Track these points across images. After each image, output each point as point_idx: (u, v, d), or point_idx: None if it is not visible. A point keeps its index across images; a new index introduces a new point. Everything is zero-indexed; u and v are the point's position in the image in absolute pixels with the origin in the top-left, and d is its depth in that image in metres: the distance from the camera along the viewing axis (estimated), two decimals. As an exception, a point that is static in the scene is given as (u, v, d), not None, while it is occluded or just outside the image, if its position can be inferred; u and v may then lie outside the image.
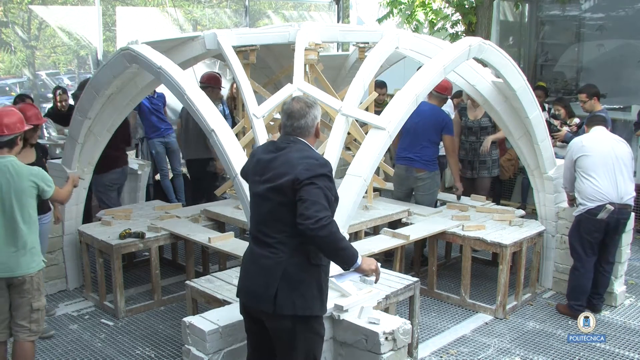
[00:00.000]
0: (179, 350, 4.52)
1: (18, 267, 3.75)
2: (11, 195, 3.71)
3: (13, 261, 3.74)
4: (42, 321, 3.99)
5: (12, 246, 3.74)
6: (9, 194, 3.71)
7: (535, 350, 4.78)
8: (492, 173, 6.85)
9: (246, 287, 3.12)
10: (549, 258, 5.86)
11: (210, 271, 5.41)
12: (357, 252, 3.04)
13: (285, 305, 2.96)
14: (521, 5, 10.22)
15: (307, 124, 3.12)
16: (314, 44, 5.11)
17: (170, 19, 11.91)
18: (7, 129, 3.75)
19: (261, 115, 4.49)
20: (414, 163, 6.19)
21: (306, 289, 2.99)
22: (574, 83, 10.59)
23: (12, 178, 3.72)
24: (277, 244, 3.00)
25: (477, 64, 5.72)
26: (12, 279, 3.77)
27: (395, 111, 4.36)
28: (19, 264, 3.75)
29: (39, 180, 3.81)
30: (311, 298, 3.00)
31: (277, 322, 3.03)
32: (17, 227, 3.73)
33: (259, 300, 3.03)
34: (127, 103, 5.86)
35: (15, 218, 3.72)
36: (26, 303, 3.83)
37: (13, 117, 3.82)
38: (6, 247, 3.73)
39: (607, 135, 5.35)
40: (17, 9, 10.53)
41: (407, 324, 3.49)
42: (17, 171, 3.75)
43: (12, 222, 3.73)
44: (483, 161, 6.81)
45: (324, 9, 12.92)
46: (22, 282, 3.79)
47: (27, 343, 3.87)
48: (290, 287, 2.96)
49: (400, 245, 5.25)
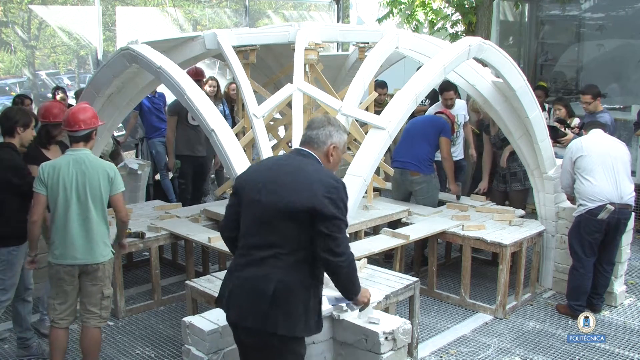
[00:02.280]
0: (179, 350, 4.51)
1: (92, 256, 3.95)
2: (86, 187, 3.90)
3: (88, 249, 3.94)
4: (110, 308, 4.19)
5: (87, 235, 3.93)
6: (84, 185, 3.90)
7: (535, 350, 4.78)
8: (525, 185, 6.34)
9: (233, 301, 2.94)
10: (549, 258, 5.87)
11: (210, 271, 5.41)
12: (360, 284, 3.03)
13: (269, 322, 2.82)
14: (521, 5, 10.22)
15: (318, 136, 3.00)
16: (314, 44, 5.11)
17: (170, 19, 11.92)
18: (84, 124, 3.99)
19: (261, 115, 4.50)
20: (408, 165, 6.16)
21: (293, 309, 2.84)
22: (574, 83, 10.59)
23: (87, 170, 3.92)
24: (270, 258, 2.86)
25: (477, 64, 5.72)
26: (86, 267, 3.95)
27: (395, 111, 4.36)
28: (93, 252, 3.95)
29: (112, 173, 4.01)
30: (296, 319, 2.85)
31: (255, 337, 2.90)
32: (90, 217, 3.92)
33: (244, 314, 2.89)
34: (127, 103, 5.87)
35: (89, 208, 3.92)
36: (98, 290, 4.02)
37: (88, 113, 4.05)
38: (82, 236, 3.93)
39: (605, 136, 5.37)
40: (17, 8, 10.54)
41: (407, 324, 3.49)
42: (92, 164, 3.96)
43: (86, 212, 3.91)
44: (514, 173, 6.43)
45: (324, 9, 12.93)
46: (96, 269, 3.97)
47: (95, 330, 4.08)
48: (276, 304, 2.81)
49: (400, 245, 5.25)
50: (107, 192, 3.98)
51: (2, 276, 4.27)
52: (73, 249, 3.93)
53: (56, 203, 3.91)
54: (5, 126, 4.33)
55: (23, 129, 4.33)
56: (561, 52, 10.75)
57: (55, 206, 3.92)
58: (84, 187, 3.90)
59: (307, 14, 13.32)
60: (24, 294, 4.49)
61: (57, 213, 3.93)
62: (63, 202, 3.89)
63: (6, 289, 4.30)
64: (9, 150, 4.28)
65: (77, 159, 3.94)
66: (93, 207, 3.93)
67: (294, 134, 4.50)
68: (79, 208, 3.90)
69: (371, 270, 4.55)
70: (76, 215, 3.90)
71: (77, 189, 3.89)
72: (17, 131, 4.31)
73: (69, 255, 3.94)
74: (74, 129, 3.98)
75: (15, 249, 4.29)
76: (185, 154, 7.43)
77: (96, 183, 3.92)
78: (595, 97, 6.47)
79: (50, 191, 3.91)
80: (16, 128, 4.31)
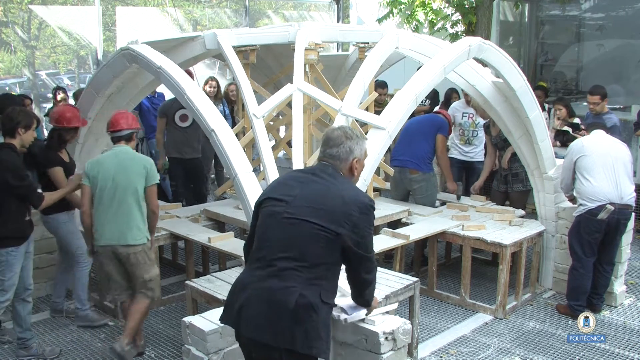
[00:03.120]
0: (179, 350, 4.51)
1: (124, 238, 4.32)
2: (124, 177, 4.33)
3: (121, 232, 4.32)
4: (158, 288, 4.55)
5: (122, 220, 4.32)
6: (123, 176, 4.32)
7: (535, 350, 4.78)
8: (527, 186, 6.30)
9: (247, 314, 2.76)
10: (549, 258, 5.86)
11: (210, 271, 5.41)
12: None
13: (288, 338, 2.67)
14: (521, 5, 10.22)
15: (339, 154, 2.89)
16: (314, 44, 5.11)
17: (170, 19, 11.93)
18: (126, 125, 4.50)
19: (261, 115, 4.49)
20: (407, 164, 6.16)
21: (313, 326, 2.69)
22: (574, 83, 10.60)
23: (127, 162, 4.37)
24: (290, 272, 2.72)
25: (477, 64, 5.71)
26: (119, 250, 4.31)
27: (395, 111, 4.36)
28: (125, 235, 4.32)
29: (148, 166, 4.41)
30: (315, 338, 2.70)
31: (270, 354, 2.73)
32: (126, 204, 4.32)
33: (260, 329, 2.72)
34: (127, 103, 5.86)
35: (126, 196, 4.32)
36: (138, 275, 4.40)
37: (129, 117, 4.57)
38: (116, 220, 4.31)
39: (606, 137, 5.37)
40: (17, 9, 10.54)
41: (407, 324, 3.49)
42: (131, 157, 4.43)
43: (123, 200, 4.31)
44: (516, 174, 6.39)
45: (324, 9, 12.94)
46: (129, 253, 4.33)
47: (143, 300, 4.44)
48: (297, 320, 2.67)
49: (400, 245, 5.25)
50: (143, 184, 4.37)
51: (2, 277, 4.27)
52: (108, 231, 4.32)
53: (97, 192, 4.34)
54: (7, 127, 4.35)
55: (24, 130, 4.35)
56: (561, 52, 10.75)
57: (97, 195, 4.34)
58: (122, 177, 4.31)
59: (307, 14, 13.33)
60: (23, 294, 4.49)
61: (97, 199, 4.34)
62: (103, 190, 4.31)
63: (5, 289, 4.30)
64: (8, 151, 4.28)
65: (118, 153, 4.43)
66: (129, 195, 4.32)
67: (294, 134, 4.50)
68: (117, 196, 4.31)
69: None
70: (111, 200, 4.31)
71: (116, 179, 4.31)
72: (18, 132, 4.34)
73: (105, 236, 4.33)
74: (117, 129, 4.47)
75: (14, 249, 4.29)
76: (173, 156, 7.25)
77: (133, 174, 4.34)
78: (603, 97, 6.45)
79: (93, 182, 4.35)
80: (18, 129, 4.33)
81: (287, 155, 6.97)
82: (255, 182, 4.17)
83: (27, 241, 4.42)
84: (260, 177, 4.94)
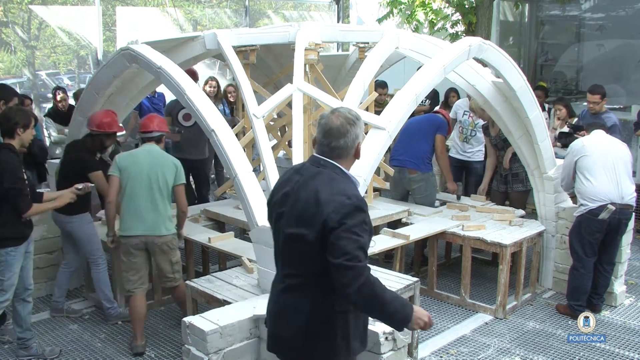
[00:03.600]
0: (179, 350, 4.51)
1: (158, 228, 4.60)
2: (156, 172, 4.59)
3: (154, 223, 4.59)
4: (181, 271, 4.85)
5: (154, 211, 4.58)
6: (154, 171, 4.59)
7: (535, 350, 4.78)
8: (527, 186, 6.27)
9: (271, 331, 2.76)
10: (549, 258, 5.86)
11: (210, 271, 5.41)
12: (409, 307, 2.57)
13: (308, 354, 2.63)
14: (521, 5, 10.22)
15: (346, 144, 2.61)
16: (314, 44, 5.11)
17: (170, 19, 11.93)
18: (158, 127, 4.80)
19: (261, 115, 4.50)
20: (406, 163, 6.17)
21: (332, 339, 2.59)
22: (574, 83, 10.59)
23: (158, 160, 4.66)
24: (297, 288, 2.62)
25: (477, 64, 5.71)
26: (153, 239, 4.59)
27: (395, 111, 4.36)
28: (158, 225, 4.60)
29: (179, 167, 4.72)
30: (335, 347, 2.60)
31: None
32: (157, 197, 4.59)
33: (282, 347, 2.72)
34: (127, 103, 5.87)
35: (157, 190, 4.58)
36: (167, 259, 4.69)
37: (160, 120, 4.89)
38: (149, 210, 4.57)
39: (606, 137, 5.37)
40: (17, 9, 10.54)
41: (407, 324, 3.49)
42: (162, 155, 4.74)
43: (154, 193, 4.58)
44: (516, 174, 6.37)
45: (324, 9, 12.94)
46: (161, 242, 4.61)
47: (179, 287, 4.77)
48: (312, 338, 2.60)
49: (400, 245, 5.24)
50: (172, 181, 4.65)
51: (1, 277, 4.26)
52: (141, 222, 4.56)
53: (128, 183, 4.56)
54: (5, 127, 4.32)
55: (23, 130, 4.32)
56: (561, 52, 10.75)
57: (127, 186, 4.57)
58: (154, 172, 4.58)
59: (307, 14, 13.33)
60: (23, 294, 4.48)
61: (129, 191, 4.57)
62: (136, 182, 4.55)
63: (5, 289, 4.29)
64: (7, 152, 4.25)
65: (150, 151, 4.70)
66: (160, 190, 4.58)
67: (294, 134, 4.50)
68: (149, 189, 4.56)
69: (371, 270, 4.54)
70: (145, 194, 4.56)
71: (149, 173, 4.57)
72: (17, 132, 4.31)
73: (138, 227, 4.56)
74: (149, 130, 4.76)
75: (14, 249, 4.27)
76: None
77: (164, 171, 4.62)
78: (603, 97, 6.45)
79: (123, 174, 4.58)
80: (16, 129, 4.30)
81: (287, 155, 6.97)
82: (255, 182, 4.17)
83: (27, 241, 4.41)
84: (260, 177, 4.95)
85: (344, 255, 2.41)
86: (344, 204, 2.47)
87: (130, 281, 4.66)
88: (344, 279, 2.42)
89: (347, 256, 2.41)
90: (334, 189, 2.54)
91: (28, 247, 4.46)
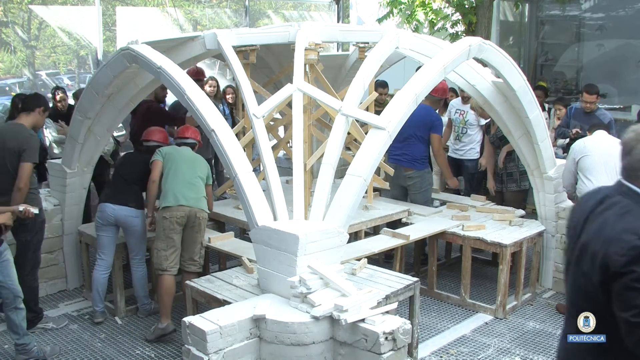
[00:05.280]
0: (179, 350, 4.51)
1: (199, 204, 4.97)
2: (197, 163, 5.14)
3: (196, 199, 4.95)
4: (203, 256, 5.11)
5: (197, 190, 5.01)
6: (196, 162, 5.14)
7: (535, 350, 4.78)
8: (521, 186, 6.32)
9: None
10: (549, 258, 5.87)
11: (210, 271, 5.41)
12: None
13: None
14: (521, 5, 10.23)
15: (631, 164, 2.15)
16: (314, 44, 5.10)
17: (170, 19, 11.94)
18: (193, 135, 5.41)
19: (261, 115, 4.49)
20: (402, 162, 6.25)
21: None
22: (574, 83, 10.59)
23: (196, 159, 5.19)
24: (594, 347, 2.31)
25: (477, 64, 5.71)
26: (196, 213, 4.90)
27: (395, 111, 4.36)
28: (200, 201, 4.99)
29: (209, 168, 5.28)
30: None
31: None
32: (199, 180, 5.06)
33: None
34: (127, 103, 5.86)
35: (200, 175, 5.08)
36: (199, 240, 4.99)
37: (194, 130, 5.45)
38: (190, 189, 4.96)
39: (608, 137, 5.37)
40: (17, 9, 10.55)
41: (407, 324, 3.49)
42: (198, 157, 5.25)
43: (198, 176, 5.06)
44: (510, 173, 6.38)
45: (324, 9, 12.94)
46: (200, 218, 4.93)
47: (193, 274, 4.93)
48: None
49: (400, 245, 5.25)
50: (204, 179, 5.11)
51: None
52: (185, 196, 4.90)
53: (173, 165, 5.02)
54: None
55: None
56: (561, 52, 10.75)
57: (172, 167, 5.01)
58: (195, 162, 5.12)
59: (307, 14, 13.33)
60: (14, 303, 4.34)
61: (173, 171, 4.99)
62: (179, 164, 5.02)
63: None
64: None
65: (189, 151, 5.25)
66: (200, 176, 5.06)
67: (294, 134, 4.50)
68: (192, 170, 5.05)
69: (371, 270, 4.55)
70: (189, 173, 5.02)
71: (191, 159, 5.12)
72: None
73: (184, 199, 4.88)
74: (185, 136, 5.36)
75: None
76: None
77: (202, 164, 5.16)
78: (598, 96, 6.53)
79: (167, 158, 5.07)
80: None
81: (287, 155, 6.97)
82: (255, 182, 4.17)
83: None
84: (260, 177, 4.94)
85: (631, 309, 2.01)
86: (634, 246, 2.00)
87: (169, 259, 4.83)
88: (632, 337, 2.04)
89: (635, 310, 2.00)
90: (625, 223, 2.07)
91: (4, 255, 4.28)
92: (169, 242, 4.83)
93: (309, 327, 3.52)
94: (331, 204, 4.09)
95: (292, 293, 3.72)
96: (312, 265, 3.77)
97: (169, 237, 4.83)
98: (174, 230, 4.84)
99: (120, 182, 5.29)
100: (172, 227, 4.82)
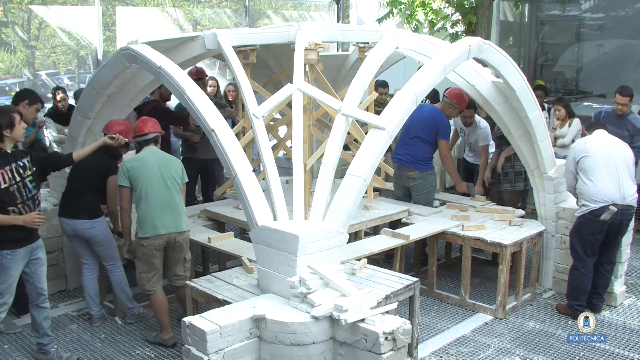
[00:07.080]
0: (179, 350, 4.51)
1: (180, 225, 4.74)
2: (167, 172, 4.72)
3: (176, 220, 4.71)
4: (191, 269, 5.03)
5: (175, 209, 4.73)
6: (166, 171, 4.72)
7: (535, 350, 4.78)
8: (516, 187, 6.44)
9: None
10: (549, 258, 5.86)
11: (210, 271, 5.41)
12: None
13: None
14: (521, 5, 10.22)
15: None
16: (314, 44, 5.10)
17: (170, 19, 11.93)
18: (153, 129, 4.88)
19: (261, 115, 4.49)
20: (404, 162, 6.26)
21: None
22: (574, 83, 10.59)
23: (165, 159, 4.82)
24: None
25: (477, 64, 5.72)
26: (174, 236, 4.70)
27: (395, 111, 4.36)
28: (180, 222, 4.74)
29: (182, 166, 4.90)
30: None
31: None
32: (177, 193, 4.75)
33: None
34: (127, 103, 5.86)
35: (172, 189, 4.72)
36: (182, 257, 4.84)
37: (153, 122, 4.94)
38: (169, 210, 4.68)
39: (608, 137, 5.35)
40: (17, 9, 10.55)
41: (407, 324, 3.49)
42: (166, 154, 4.92)
43: (170, 192, 4.71)
44: (505, 174, 6.46)
45: (324, 9, 12.94)
46: (180, 239, 4.75)
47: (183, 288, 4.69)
48: None
49: (400, 245, 5.24)
50: (179, 181, 4.79)
51: None
52: (163, 221, 4.65)
53: (144, 188, 4.65)
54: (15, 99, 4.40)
55: (10, 130, 4.21)
56: (561, 52, 10.75)
57: (143, 191, 4.65)
58: (165, 171, 4.71)
59: (307, 14, 13.33)
60: (37, 300, 4.42)
61: (144, 195, 4.65)
62: (152, 186, 4.65)
63: (1, 292, 4.24)
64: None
65: (154, 152, 4.82)
66: (175, 186, 4.73)
67: (294, 134, 4.50)
68: (165, 187, 4.68)
69: (371, 270, 4.55)
70: (163, 192, 4.67)
71: (161, 173, 4.69)
72: (22, 105, 4.42)
73: (163, 227, 4.65)
74: (144, 133, 4.83)
75: (10, 252, 4.20)
76: (187, 157, 7.38)
77: (174, 168, 4.78)
78: (632, 98, 6.53)
79: (134, 182, 4.67)
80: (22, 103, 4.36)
81: (287, 155, 6.97)
82: (255, 182, 4.17)
83: (30, 247, 4.31)
84: (260, 177, 4.95)
85: None
86: None
87: (151, 281, 4.74)
88: None
89: None
90: None
91: (35, 253, 4.37)
92: (150, 267, 4.73)
93: (309, 327, 3.52)
94: (331, 204, 4.09)
95: (292, 293, 3.72)
96: (312, 265, 3.77)
97: (149, 262, 4.72)
98: (154, 256, 4.71)
99: (70, 194, 5.06)
100: (151, 253, 4.69)
